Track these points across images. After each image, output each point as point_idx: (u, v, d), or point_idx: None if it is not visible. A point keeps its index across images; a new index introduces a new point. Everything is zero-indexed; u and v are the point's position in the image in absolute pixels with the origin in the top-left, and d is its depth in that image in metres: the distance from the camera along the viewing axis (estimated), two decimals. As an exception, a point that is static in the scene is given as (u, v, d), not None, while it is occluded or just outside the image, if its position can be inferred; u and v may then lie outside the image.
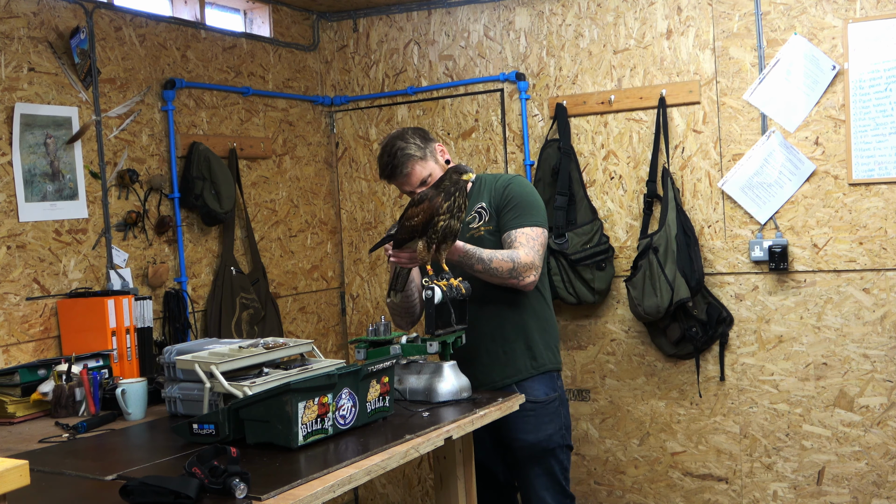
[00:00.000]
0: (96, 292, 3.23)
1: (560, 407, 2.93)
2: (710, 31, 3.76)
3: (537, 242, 2.82)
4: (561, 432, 2.91)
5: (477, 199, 2.95)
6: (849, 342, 3.59)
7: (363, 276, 4.60)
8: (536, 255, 2.80)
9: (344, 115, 4.58)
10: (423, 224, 2.69)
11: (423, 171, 2.84)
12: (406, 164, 2.82)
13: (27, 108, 3.11)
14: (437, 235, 2.71)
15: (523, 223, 2.83)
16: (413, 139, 2.84)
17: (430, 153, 2.86)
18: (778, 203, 3.67)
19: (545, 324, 2.95)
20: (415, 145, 2.83)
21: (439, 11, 4.32)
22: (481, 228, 2.91)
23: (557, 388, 2.93)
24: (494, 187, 2.93)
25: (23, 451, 2.32)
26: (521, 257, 2.77)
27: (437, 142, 2.93)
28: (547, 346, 2.94)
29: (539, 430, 2.87)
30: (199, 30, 3.88)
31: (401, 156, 2.82)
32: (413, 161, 2.83)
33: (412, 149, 2.82)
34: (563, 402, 2.96)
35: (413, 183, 2.85)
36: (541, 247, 2.82)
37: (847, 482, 3.63)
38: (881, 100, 3.47)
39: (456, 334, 2.79)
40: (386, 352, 2.77)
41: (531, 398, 2.83)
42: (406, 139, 2.83)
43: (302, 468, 2.03)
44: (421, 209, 2.72)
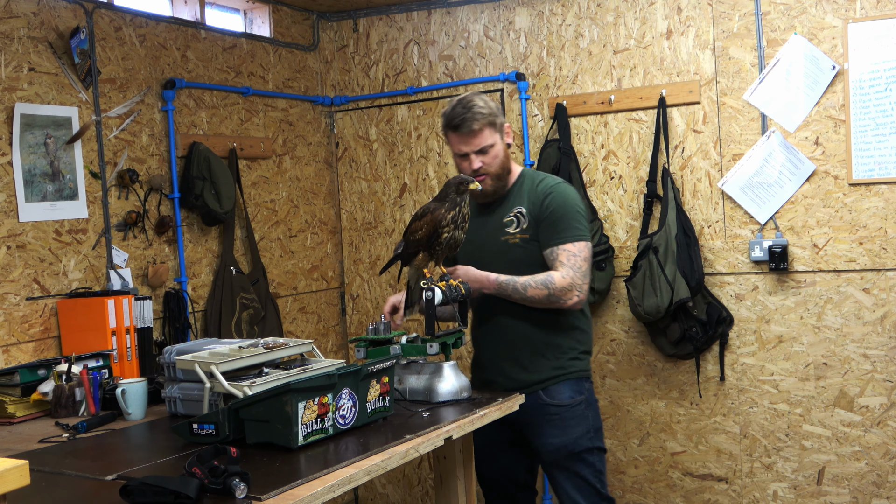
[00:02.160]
0: (96, 292, 3.22)
1: (587, 409, 2.85)
2: (710, 31, 3.76)
3: (579, 259, 2.73)
4: (588, 435, 2.83)
5: (517, 200, 2.85)
6: (849, 342, 3.59)
7: (363, 276, 4.60)
8: (577, 274, 2.72)
9: (344, 115, 4.58)
10: (427, 237, 2.69)
11: (489, 138, 2.77)
12: (478, 121, 2.74)
13: (27, 108, 3.11)
14: (442, 248, 2.71)
15: (565, 239, 2.74)
16: (492, 106, 2.78)
17: (500, 126, 2.80)
18: (778, 203, 3.67)
19: (573, 330, 2.86)
20: (492, 112, 2.76)
21: (439, 11, 4.32)
22: (517, 235, 2.82)
23: (584, 390, 2.86)
24: (535, 192, 2.83)
25: (23, 451, 2.32)
26: (557, 281, 2.70)
27: (507, 122, 2.87)
28: (573, 350, 2.85)
29: (565, 433, 2.81)
30: (199, 30, 3.88)
31: (477, 111, 2.73)
32: (486, 122, 2.75)
33: (488, 111, 2.75)
34: (591, 404, 2.87)
35: (474, 144, 2.76)
36: (584, 262, 2.74)
37: (847, 482, 3.63)
38: (881, 100, 3.47)
39: (456, 335, 2.79)
40: (386, 351, 2.77)
41: (556, 402, 2.80)
42: (486, 102, 2.77)
43: (302, 468, 2.03)
44: (424, 222, 2.71)
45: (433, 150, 4.38)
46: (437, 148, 4.37)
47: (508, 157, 2.84)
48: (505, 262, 2.80)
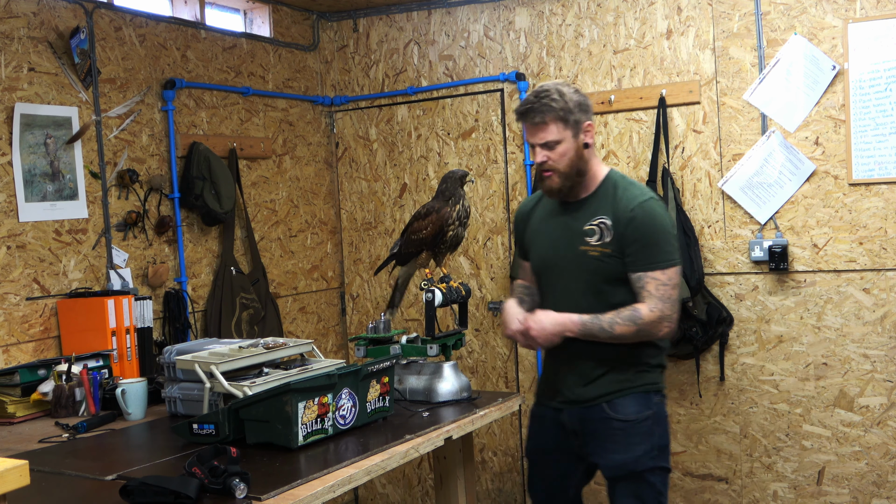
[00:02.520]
0: (96, 292, 3.22)
1: (654, 426, 2.60)
2: (710, 31, 3.76)
3: (668, 288, 2.51)
4: (652, 453, 2.58)
5: (600, 208, 2.59)
6: (849, 342, 3.59)
7: (363, 276, 4.60)
8: (666, 305, 2.50)
9: (344, 115, 4.58)
10: (432, 236, 2.68)
11: (555, 134, 2.53)
12: (543, 114, 2.52)
13: (27, 108, 3.11)
14: (446, 246, 2.71)
15: (653, 266, 2.51)
16: (568, 100, 2.53)
17: (574, 123, 2.53)
18: (778, 203, 3.67)
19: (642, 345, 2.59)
20: (565, 107, 2.52)
21: (439, 11, 4.32)
22: (598, 248, 2.56)
23: (653, 405, 2.61)
24: (620, 204, 2.57)
25: (23, 451, 2.32)
26: (644, 316, 2.49)
27: (592, 121, 2.60)
28: (641, 363, 2.60)
29: (628, 449, 2.57)
30: (199, 30, 3.88)
31: (546, 103, 2.52)
32: (554, 116, 2.52)
33: (560, 105, 2.52)
34: (659, 420, 2.62)
35: (538, 136, 2.55)
36: (672, 290, 2.52)
37: (847, 482, 3.63)
38: (881, 100, 3.47)
39: (456, 336, 2.80)
40: (386, 351, 2.77)
41: (620, 416, 2.57)
42: (563, 95, 2.53)
43: (302, 468, 2.03)
44: (429, 221, 2.71)
45: (433, 150, 4.38)
46: (437, 148, 4.37)
47: (585, 158, 2.57)
48: (581, 272, 2.58)
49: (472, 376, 4.34)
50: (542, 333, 2.53)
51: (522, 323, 2.55)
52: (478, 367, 4.35)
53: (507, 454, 4.32)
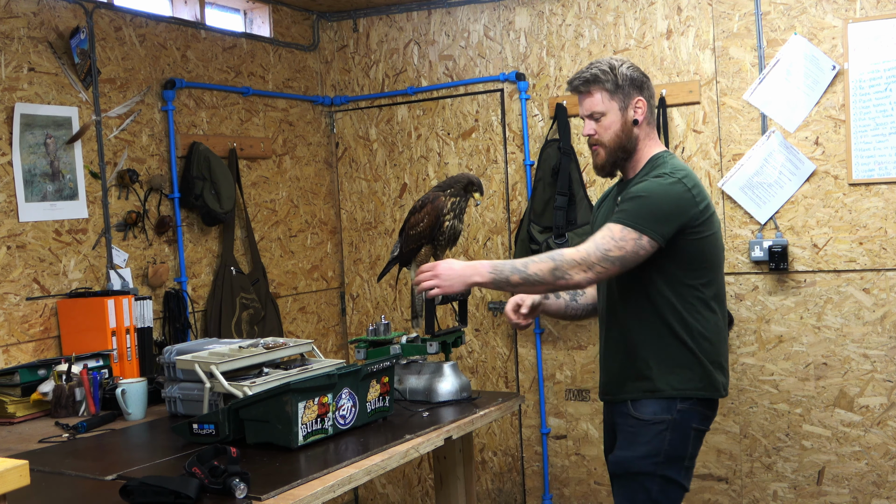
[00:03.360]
0: (96, 292, 3.22)
1: (667, 432, 2.42)
2: (710, 31, 3.76)
3: (612, 242, 2.32)
4: (656, 458, 2.42)
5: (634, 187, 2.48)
6: (849, 342, 3.59)
7: (363, 276, 4.60)
8: (596, 254, 2.31)
9: (344, 115, 4.58)
10: (429, 227, 2.67)
11: (600, 104, 2.47)
12: (589, 83, 2.48)
13: (27, 108, 3.11)
14: (445, 238, 2.70)
15: (617, 219, 2.35)
16: (618, 73, 2.46)
17: (623, 97, 2.46)
18: (778, 203, 3.67)
19: (675, 346, 2.42)
20: (612, 79, 2.45)
21: (439, 11, 4.32)
22: None
23: (674, 411, 2.42)
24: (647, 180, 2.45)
25: (23, 451, 2.32)
26: (566, 254, 2.34)
27: (644, 97, 2.48)
28: (670, 370, 2.42)
29: (632, 447, 2.44)
30: (199, 30, 3.88)
31: (595, 71, 2.47)
32: (599, 85, 2.47)
33: (609, 77, 2.46)
34: (677, 427, 2.43)
35: (585, 106, 2.51)
36: (616, 248, 2.31)
37: (847, 482, 3.63)
38: (881, 100, 3.47)
39: (456, 334, 2.80)
40: (386, 352, 2.77)
41: (636, 414, 2.44)
42: (613, 67, 2.47)
43: (302, 468, 2.03)
44: (425, 213, 2.70)
45: (433, 150, 4.38)
46: (437, 148, 4.37)
47: (634, 135, 2.47)
48: None
49: (472, 376, 4.34)
50: (448, 272, 2.40)
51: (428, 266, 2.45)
52: (478, 367, 4.35)
53: (507, 454, 4.32)
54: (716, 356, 2.45)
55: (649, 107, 2.51)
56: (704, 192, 2.42)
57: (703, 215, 2.38)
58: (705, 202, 2.40)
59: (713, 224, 2.43)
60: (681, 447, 2.46)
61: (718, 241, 2.47)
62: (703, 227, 2.39)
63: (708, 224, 2.41)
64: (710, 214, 2.41)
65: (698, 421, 2.47)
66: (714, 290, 2.45)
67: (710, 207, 2.42)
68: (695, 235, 2.38)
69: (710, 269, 2.43)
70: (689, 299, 2.41)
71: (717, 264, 2.47)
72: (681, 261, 2.39)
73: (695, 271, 2.41)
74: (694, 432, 2.47)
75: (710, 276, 2.44)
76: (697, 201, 2.37)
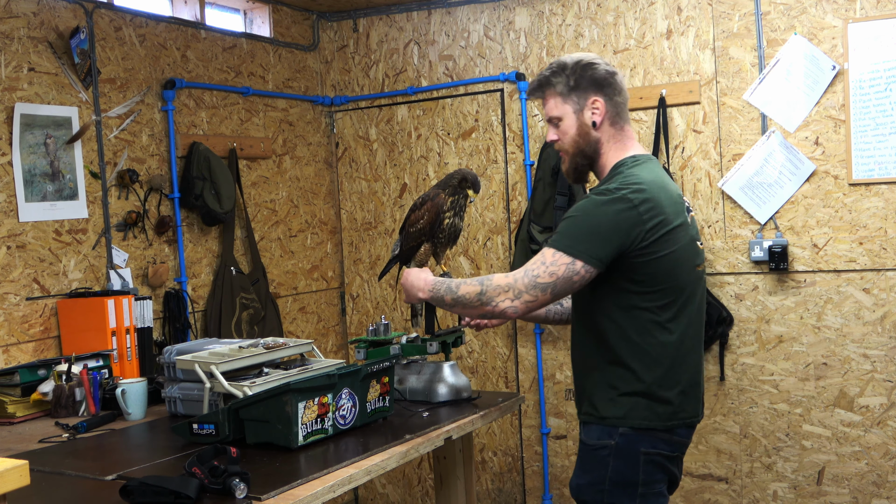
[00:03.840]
0: (96, 292, 3.22)
1: (610, 458, 2.22)
2: (710, 31, 3.76)
3: (543, 268, 2.14)
4: (600, 486, 2.23)
5: None
6: (849, 342, 3.59)
7: (363, 276, 4.60)
8: (525, 280, 2.15)
9: (344, 115, 4.58)
10: (430, 224, 2.66)
11: (554, 109, 2.32)
12: (542, 88, 2.35)
13: (27, 108, 3.11)
14: (444, 235, 2.69)
15: (552, 241, 2.18)
16: (571, 72, 2.28)
17: (578, 98, 2.27)
18: (778, 203, 3.67)
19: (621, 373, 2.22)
20: (564, 80, 2.29)
21: (439, 11, 4.32)
22: None
23: (616, 436, 2.22)
24: None
25: (23, 451, 2.32)
26: (495, 279, 2.20)
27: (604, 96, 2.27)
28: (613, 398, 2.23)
29: (581, 474, 2.29)
30: (199, 30, 3.88)
31: (545, 76, 2.33)
32: (550, 91, 2.32)
33: (560, 79, 2.30)
34: (621, 453, 2.21)
35: (544, 112, 2.37)
36: (546, 275, 2.13)
37: (847, 482, 3.63)
38: (881, 100, 3.47)
39: (456, 334, 2.79)
40: (386, 352, 2.77)
41: (584, 439, 2.30)
42: (565, 67, 2.30)
43: (302, 468, 2.03)
44: (425, 209, 2.70)
45: (433, 150, 4.38)
46: (437, 148, 4.37)
47: (593, 139, 2.29)
48: None
49: (472, 376, 4.34)
50: (405, 282, 2.41)
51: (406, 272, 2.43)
52: (478, 367, 4.35)
53: (507, 454, 4.32)
54: (670, 383, 2.21)
55: (613, 105, 2.27)
56: (660, 208, 2.14)
57: (652, 234, 2.12)
58: (658, 219, 2.13)
59: (672, 241, 2.15)
60: (629, 473, 2.22)
61: (681, 259, 2.19)
62: (654, 247, 2.13)
63: (662, 243, 2.14)
64: (664, 232, 2.14)
65: (648, 445, 2.21)
66: (673, 313, 2.20)
67: (667, 224, 2.15)
68: (645, 257, 2.13)
69: (668, 290, 2.18)
70: (642, 322, 2.18)
71: (678, 285, 2.19)
72: (633, 282, 2.17)
73: (649, 294, 2.17)
74: (644, 457, 2.21)
75: (669, 297, 2.18)
76: (645, 219, 2.11)
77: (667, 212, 2.15)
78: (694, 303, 2.25)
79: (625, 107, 2.31)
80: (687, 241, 2.21)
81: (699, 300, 2.29)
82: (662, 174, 2.26)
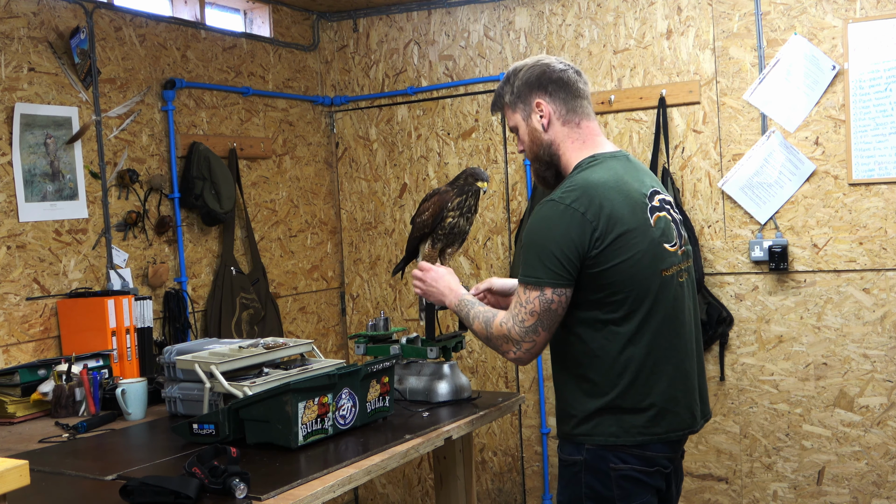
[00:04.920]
0: (96, 292, 3.22)
1: (582, 473, 2.13)
2: (710, 31, 3.76)
3: (523, 310, 2.07)
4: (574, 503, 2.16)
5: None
6: (849, 342, 3.59)
7: (363, 276, 4.60)
8: (516, 328, 2.08)
9: (344, 115, 4.58)
10: (432, 218, 2.66)
11: (510, 119, 2.26)
12: (495, 103, 2.31)
13: (27, 108, 3.11)
14: (444, 232, 2.69)
15: (520, 277, 2.10)
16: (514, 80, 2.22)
17: (524, 104, 2.20)
18: (778, 203, 3.67)
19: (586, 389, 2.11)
20: (509, 90, 2.23)
21: (439, 11, 4.32)
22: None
23: (584, 451, 2.12)
24: None
25: (23, 451, 2.32)
26: (494, 326, 2.15)
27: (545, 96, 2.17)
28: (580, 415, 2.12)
29: (561, 490, 2.21)
30: (199, 30, 3.88)
31: (496, 93, 2.30)
32: (504, 105, 2.27)
33: (506, 89, 2.24)
34: (590, 469, 2.11)
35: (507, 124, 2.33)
36: (529, 315, 2.06)
37: (847, 482, 3.63)
38: (881, 100, 3.47)
39: (456, 339, 2.79)
40: (386, 350, 2.77)
41: (560, 454, 2.22)
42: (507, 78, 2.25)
43: (302, 468, 2.03)
44: (431, 202, 2.70)
45: (433, 150, 4.38)
46: (437, 148, 4.37)
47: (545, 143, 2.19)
48: None
49: (472, 376, 4.34)
50: (434, 281, 2.38)
51: (426, 267, 2.40)
52: (478, 367, 4.35)
53: (507, 454, 4.32)
54: (637, 397, 2.07)
55: (561, 104, 2.16)
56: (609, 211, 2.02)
57: (602, 241, 2.01)
58: (607, 223, 2.01)
59: (627, 247, 2.02)
60: (602, 489, 2.11)
61: (641, 265, 2.04)
62: (607, 255, 2.02)
63: (614, 249, 2.02)
64: (616, 236, 2.02)
65: (617, 461, 2.09)
66: (635, 324, 2.05)
67: (619, 227, 2.02)
68: (598, 266, 2.02)
69: (627, 301, 2.04)
70: (604, 334, 2.07)
71: (639, 295, 2.05)
72: (590, 293, 2.06)
73: (608, 304, 2.05)
74: (614, 472, 2.09)
75: (630, 308, 2.05)
76: (595, 226, 2.01)
77: (618, 214, 2.03)
78: (660, 312, 2.08)
79: (580, 102, 2.18)
80: (646, 245, 2.05)
81: (671, 308, 2.11)
82: (623, 172, 2.11)
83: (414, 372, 2.73)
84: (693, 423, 2.17)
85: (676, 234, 2.15)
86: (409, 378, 2.72)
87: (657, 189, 2.16)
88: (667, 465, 2.14)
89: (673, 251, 2.12)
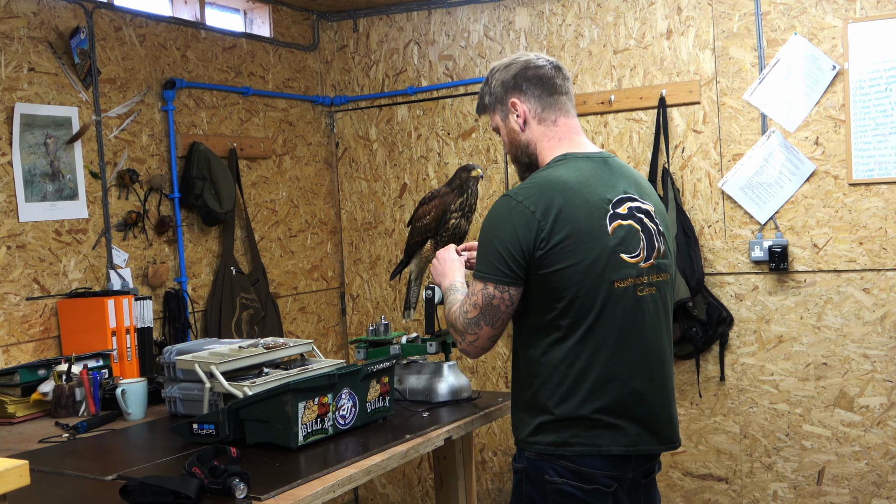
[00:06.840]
0: (96, 292, 3.22)
1: (523, 483, 2.06)
2: (710, 31, 3.76)
3: (468, 300, 2.05)
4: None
5: None
6: (849, 342, 3.59)
7: (363, 276, 4.60)
8: (460, 317, 2.06)
9: (344, 115, 4.58)
10: (434, 221, 2.67)
11: (493, 123, 2.23)
12: (481, 108, 2.26)
13: (27, 108, 3.11)
14: (448, 234, 2.69)
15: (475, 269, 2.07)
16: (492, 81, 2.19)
17: (501, 105, 2.16)
18: (778, 203, 3.67)
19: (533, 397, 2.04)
20: (488, 92, 2.20)
21: (439, 11, 4.32)
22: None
23: (523, 459, 2.06)
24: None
25: (23, 451, 2.32)
26: (451, 313, 2.14)
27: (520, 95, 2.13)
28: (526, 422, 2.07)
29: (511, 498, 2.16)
30: (199, 30, 3.88)
31: (479, 98, 2.26)
32: (488, 108, 2.23)
33: (486, 91, 2.21)
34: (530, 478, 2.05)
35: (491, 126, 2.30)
36: (472, 308, 2.03)
37: (847, 482, 3.63)
38: (881, 100, 3.47)
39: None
40: (386, 352, 2.77)
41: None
42: (486, 79, 2.21)
43: (302, 468, 2.03)
44: (432, 206, 2.70)
45: (433, 150, 4.38)
46: (437, 148, 4.37)
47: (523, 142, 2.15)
48: None
49: (472, 376, 4.34)
50: (441, 263, 2.35)
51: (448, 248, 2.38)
52: (478, 367, 4.35)
53: (507, 454, 4.32)
54: (575, 409, 1.98)
55: (536, 101, 2.12)
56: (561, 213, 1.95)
57: (548, 242, 1.94)
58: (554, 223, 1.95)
59: (576, 252, 1.95)
60: (540, 500, 2.03)
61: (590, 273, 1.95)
62: (553, 257, 1.95)
63: (561, 253, 1.95)
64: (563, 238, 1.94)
65: (553, 473, 2.00)
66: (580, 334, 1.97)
67: (570, 231, 1.94)
68: (544, 268, 1.95)
69: (570, 310, 1.96)
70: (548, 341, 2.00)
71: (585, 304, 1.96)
72: (536, 298, 2.00)
73: (551, 311, 1.98)
74: (550, 485, 2.01)
75: (575, 317, 1.97)
76: (542, 225, 1.94)
77: (569, 216, 1.95)
78: (606, 325, 1.97)
79: (558, 99, 2.13)
80: (597, 252, 1.95)
81: (621, 322, 1.99)
82: (590, 175, 2.03)
83: (414, 372, 2.73)
84: (645, 442, 2.03)
85: (644, 245, 2.02)
86: (409, 378, 2.72)
87: (633, 196, 2.05)
88: (608, 484, 2.00)
89: (633, 262, 2.00)
